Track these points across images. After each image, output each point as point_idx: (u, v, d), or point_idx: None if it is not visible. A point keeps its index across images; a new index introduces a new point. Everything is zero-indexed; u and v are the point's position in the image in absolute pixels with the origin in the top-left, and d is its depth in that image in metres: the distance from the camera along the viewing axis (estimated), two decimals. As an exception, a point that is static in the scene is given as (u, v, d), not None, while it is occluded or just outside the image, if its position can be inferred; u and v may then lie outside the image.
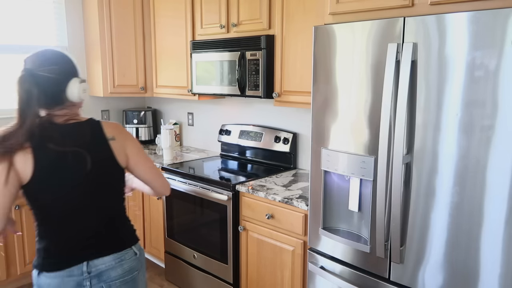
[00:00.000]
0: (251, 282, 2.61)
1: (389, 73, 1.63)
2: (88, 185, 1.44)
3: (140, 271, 1.58)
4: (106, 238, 1.49)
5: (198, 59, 3.04)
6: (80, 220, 1.45)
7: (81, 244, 1.46)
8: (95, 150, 1.44)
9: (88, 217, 1.46)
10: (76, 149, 1.40)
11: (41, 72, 1.40)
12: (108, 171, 1.48)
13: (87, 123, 1.50)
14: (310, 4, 2.40)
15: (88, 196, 1.45)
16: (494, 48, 1.40)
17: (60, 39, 3.70)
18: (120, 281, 1.50)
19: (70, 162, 1.40)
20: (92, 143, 1.45)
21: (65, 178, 1.40)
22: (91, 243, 1.47)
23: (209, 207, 2.75)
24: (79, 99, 1.48)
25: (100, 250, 1.47)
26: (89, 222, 1.47)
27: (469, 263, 1.55)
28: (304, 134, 2.96)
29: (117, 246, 1.51)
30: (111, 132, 1.50)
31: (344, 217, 1.96)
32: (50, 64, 1.42)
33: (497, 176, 1.45)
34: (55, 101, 1.44)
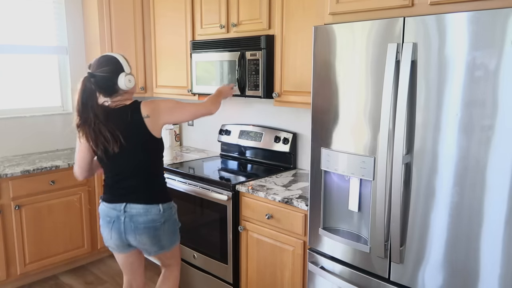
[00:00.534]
0: (251, 282, 2.61)
1: (389, 73, 1.63)
2: (130, 153, 1.97)
3: (165, 223, 2.03)
4: (141, 192, 2.01)
5: (198, 59, 3.04)
6: (124, 176, 2.02)
7: (123, 191, 2.02)
8: (133, 126, 1.95)
9: (131, 176, 2.02)
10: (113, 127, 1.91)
11: (98, 73, 1.94)
12: (144, 142, 1.98)
13: (129, 106, 1.98)
14: (310, 4, 2.40)
15: (131, 162, 2.00)
16: (494, 48, 1.40)
17: (60, 39, 3.70)
18: (144, 226, 1.99)
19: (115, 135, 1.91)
20: (130, 121, 1.95)
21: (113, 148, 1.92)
22: (130, 192, 2.01)
23: (209, 207, 2.75)
24: (127, 88, 1.98)
25: (135, 199, 1.99)
26: (131, 179, 2.02)
27: (469, 263, 1.55)
28: (304, 134, 2.96)
29: (147, 200, 1.99)
30: (146, 111, 1.96)
31: (344, 217, 1.96)
32: (103, 66, 1.95)
33: (497, 176, 1.45)
34: (110, 92, 1.97)
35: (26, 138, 3.55)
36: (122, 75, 1.96)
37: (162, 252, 2.15)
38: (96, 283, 3.28)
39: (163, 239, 2.08)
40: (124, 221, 2.00)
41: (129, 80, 1.97)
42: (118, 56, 2.01)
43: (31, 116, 3.57)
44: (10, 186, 2.96)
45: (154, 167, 2.07)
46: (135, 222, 1.99)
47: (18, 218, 3.02)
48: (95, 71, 1.95)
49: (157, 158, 2.09)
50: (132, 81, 2.00)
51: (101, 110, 1.93)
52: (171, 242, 2.16)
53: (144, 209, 1.99)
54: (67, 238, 3.31)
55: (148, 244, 2.06)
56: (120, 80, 1.96)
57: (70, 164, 3.23)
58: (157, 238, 2.04)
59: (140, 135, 1.97)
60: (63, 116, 3.77)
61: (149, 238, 2.03)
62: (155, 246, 2.08)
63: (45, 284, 3.25)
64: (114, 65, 1.98)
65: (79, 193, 3.33)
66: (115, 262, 3.60)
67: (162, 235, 2.06)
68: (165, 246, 2.13)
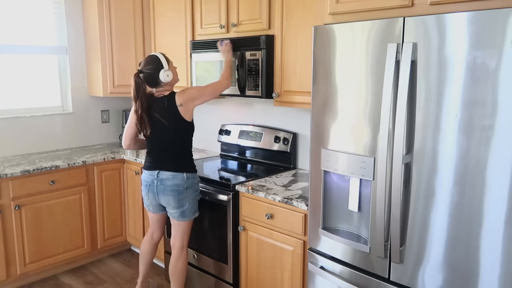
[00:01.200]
0: (251, 282, 2.61)
1: (389, 73, 1.63)
2: (165, 132, 2.48)
3: (187, 189, 2.50)
4: (171, 162, 2.50)
5: (197, 59, 3.04)
6: (161, 150, 2.52)
7: (158, 161, 2.52)
8: (168, 113, 2.44)
9: (165, 149, 2.51)
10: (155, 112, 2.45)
11: (144, 70, 2.44)
12: (178, 124, 2.47)
13: (167, 96, 2.46)
14: (310, 4, 2.40)
15: (165, 139, 2.50)
16: (494, 48, 1.40)
17: (60, 39, 3.70)
18: (170, 188, 2.48)
19: (155, 119, 2.45)
20: (167, 108, 2.44)
21: (154, 127, 2.47)
22: (163, 162, 2.51)
23: (209, 207, 2.75)
24: (165, 81, 2.44)
25: (165, 168, 2.49)
26: (165, 152, 2.51)
27: (469, 263, 1.55)
28: (304, 134, 2.96)
29: (175, 168, 2.48)
30: (179, 100, 2.44)
31: (344, 217, 1.96)
32: (148, 64, 2.45)
33: (497, 176, 1.45)
34: (154, 84, 2.46)
35: (26, 138, 3.55)
36: (162, 71, 2.42)
37: (184, 220, 2.57)
38: (96, 283, 3.28)
39: (185, 203, 2.52)
40: (156, 184, 2.51)
41: (167, 75, 2.43)
42: (159, 55, 2.46)
43: (31, 116, 3.57)
44: (10, 186, 2.96)
45: (183, 144, 2.54)
46: (164, 185, 2.49)
47: (18, 218, 3.02)
48: (142, 68, 2.45)
49: (187, 137, 2.56)
50: (170, 76, 2.45)
51: (147, 98, 2.46)
52: (191, 211, 2.56)
53: (172, 175, 2.48)
54: (67, 238, 3.31)
55: (173, 206, 2.52)
56: (160, 75, 2.42)
57: (70, 164, 3.23)
58: (181, 201, 2.50)
59: (174, 119, 2.45)
60: (63, 116, 3.77)
61: (174, 199, 2.50)
62: (178, 210, 2.52)
63: (45, 284, 3.25)
64: (156, 64, 2.43)
65: (79, 193, 3.33)
66: (115, 262, 3.60)
67: (184, 199, 2.51)
68: (186, 213, 2.54)
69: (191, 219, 2.61)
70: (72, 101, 3.81)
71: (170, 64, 2.50)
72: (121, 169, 3.55)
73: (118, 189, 3.57)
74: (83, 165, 3.33)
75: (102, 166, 3.44)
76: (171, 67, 2.50)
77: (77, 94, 3.83)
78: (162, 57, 2.46)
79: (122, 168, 3.55)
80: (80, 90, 3.85)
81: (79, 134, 3.89)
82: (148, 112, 2.45)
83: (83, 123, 3.90)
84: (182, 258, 2.65)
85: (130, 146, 2.67)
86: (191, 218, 2.60)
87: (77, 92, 3.83)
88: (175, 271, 2.66)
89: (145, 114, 2.45)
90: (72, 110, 3.82)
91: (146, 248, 2.82)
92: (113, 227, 3.59)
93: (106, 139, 4.09)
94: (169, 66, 2.47)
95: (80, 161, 3.30)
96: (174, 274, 2.67)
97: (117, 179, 3.55)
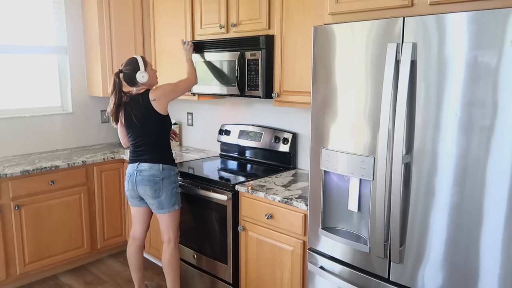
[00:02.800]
0: (250, 282, 2.61)
1: (388, 73, 1.63)
2: (142, 127, 2.62)
3: (163, 180, 2.60)
4: (149, 154, 2.62)
5: (197, 59, 3.04)
6: (140, 144, 2.64)
7: (137, 154, 2.65)
8: (142, 108, 2.59)
9: (143, 143, 2.64)
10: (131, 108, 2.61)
11: (124, 70, 2.61)
12: (153, 118, 2.61)
13: (142, 93, 2.62)
14: (310, 4, 2.40)
15: (143, 132, 2.63)
16: (494, 48, 1.40)
17: (59, 39, 3.70)
18: (147, 178, 2.59)
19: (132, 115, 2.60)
20: (141, 104, 2.60)
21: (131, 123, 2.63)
22: (142, 155, 2.63)
23: (209, 207, 2.75)
24: (141, 81, 2.60)
25: (144, 160, 2.62)
26: (143, 146, 2.64)
27: (468, 263, 1.55)
28: (304, 134, 2.96)
29: (152, 160, 2.61)
30: (152, 96, 2.59)
31: (344, 217, 1.96)
32: (127, 65, 2.62)
33: (497, 176, 1.45)
34: (132, 84, 2.63)
35: (26, 138, 3.55)
36: (138, 72, 2.59)
37: (162, 212, 2.65)
38: (96, 283, 3.28)
39: (162, 194, 2.60)
40: (136, 175, 2.63)
41: (142, 76, 2.59)
42: (138, 58, 2.64)
43: (31, 116, 3.57)
44: (10, 186, 2.96)
45: (159, 137, 2.67)
46: (142, 175, 2.61)
47: (17, 218, 3.02)
48: (122, 69, 2.62)
49: (163, 130, 2.69)
50: (146, 77, 2.60)
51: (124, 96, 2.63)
52: (169, 203, 2.63)
53: (149, 166, 2.60)
54: (67, 238, 3.31)
55: (150, 195, 2.62)
56: (137, 76, 2.59)
57: (70, 164, 3.23)
58: (157, 191, 2.60)
59: (149, 114, 2.60)
60: (62, 116, 3.77)
61: (150, 189, 2.60)
62: (156, 201, 2.62)
63: (44, 284, 3.25)
64: (134, 65, 2.60)
65: (79, 193, 3.33)
66: (114, 262, 3.60)
67: (160, 190, 2.60)
68: (163, 204, 2.62)
69: (171, 211, 2.65)
70: (71, 101, 3.81)
71: (148, 66, 2.64)
72: (120, 169, 3.55)
73: (117, 189, 3.56)
74: (83, 165, 3.33)
75: (101, 166, 3.44)
76: (149, 70, 2.64)
77: (76, 94, 3.83)
78: (140, 60, 2.63)
79: (122, 168, 3.55)
80: (79, 90, 3.85)
81: (79, 134, 3.89)
82: (126, 108, 2.63)
83: (82, 123, 3.90)
84: (169, 251, 2.70)
85: (126, 144, 2.79)
86: (171, 209, 2.64)
87: (77, 92, 3.83)
88: (164, 263, 2.73)
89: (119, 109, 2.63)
90: (72, 110, 3.82)
91: (131, 251, 2.85)
92: (113, 227, 3.59)
93: (106, 139, 4.09)
94: (146, 68, 2.61)
95: (80, 161, 3.30)
96: (164, 269, 2.74)
97: (117, 179, 3.55)
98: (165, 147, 2.69)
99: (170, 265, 2.71)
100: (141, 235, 2.84)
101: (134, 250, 2.84)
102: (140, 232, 2.83)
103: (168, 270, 2.72)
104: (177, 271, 2.74)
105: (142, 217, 2.80)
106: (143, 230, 2.84)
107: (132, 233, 2.85)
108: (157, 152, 2.64)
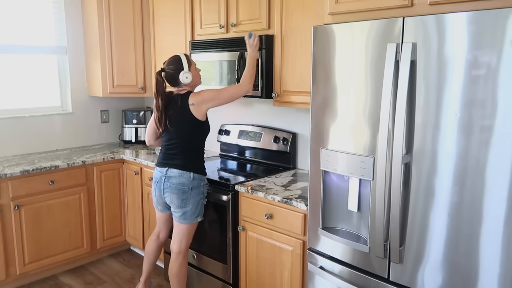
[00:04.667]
0: (250, 282, 2.61)
1: (388, 73, 1.63)
2: (177, 130, 2.52)
3: (192, 189, 2.50)
4: (180, 160, 2.52)
5: (197, 59, 3.04)
6: (172, 148, 2.55)
7: (167, 159, 2.56)
8: (181, 110, 2.50)
9: (176, 147, 2.54)
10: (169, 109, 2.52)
11: (166, 69, 2.52)
12: (189, 122, 2.50)
13: (182, 95, 2.51)
14: (309, 4, 2.40)
15: (178, 135, 2.53)
16: (494, 48, 1.40)
17: (59, 39, 3.70)
18: (175, 186, 2.49)
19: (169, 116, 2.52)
20: (180, 106, 2.50)
21: (167, 125, 2.52)
22: (172, 160, 2.53)
23: (208, 207, 2.75)
24: (184, 82, 2.50)
25: (174, 165, 2.52)
26: (175, 150, 2.54)
27: (468, 263, 1.55)
28: (304, 134, 2.96)
29: (183, 167, 2.50)
30: (192, 100, 2.48)
31: (344, 217, 1.96)
32: (170, 64, 2.51)
33: (497, 176, 1.45)
34: (175, 84, 2.55)
35: (26, 138, 3.55)
36: (182, 73, 2.48)
37: (184, 222, 2.55)
38: (96, 283, 3.28)
39: (188, 204, 2.51)
40: (163, 181, 2.53)
41: (186, 77, 2.49)
42: (182, 56, 2.51)
43: (30, 116, 3.57)
44: (10, 186, 2.96)
45: (193, 143, 2.57)
46: (170, 182, 2.50)
47: (17, 218, 3.02)
48: (165, 67, 2.53)
49: (198, 137, 2.58)
50: (189, 78, 2.49)
51: (165, 96, 2.53)
52: (193, 214, 2.54)
53: (178, 174, 2.50)
54: (67, 238, 3.31)
55: (176, 204, 2.52)
56: (180, 76, 2.48)
57: (70, 164, 3.23)
58: (184, 201, 2.50)
59: (186, 118, 2.49)
60: (62, 116, 3.77)
61: (177, 198, 2.50)
62: (180, 209, 2.52)
63: (44, 284, 3.25)
64: (177, 65, 2.49)
65: (79, 193, 3.33)
66: (114, 262, 3.60)
67: (188, 200, 2.51)
68: (187, 214, 2.53)
69: (193, 223, 2.58)
70: (71, 101, 3.81)
71: (192, 66, 2.52)
72: (120, 169, 3.55)
73: (117, 189, 3.56)
74: (83, 165, 3.33)
75: (101, 166, 3.43)
76: (192, 69, 2.52)
77: (76, 94, 3.83)
78: (184, 58, 2.50)
79: (122, 168, 3.55)
80: (79, 90, 3.85)
81: (79, 134, 3.89)
82: (165, 109, 2.51)
83: (82, 123, 3.90)
84: (178, 263, 2.63)
85: (151, 142, 2.72)
86: (193, 221, 2.56)
87: (77, 92, 3.83)
88: (171, 275, 2.66)
89: (163, 111, 2.51)
90: (72, 110, 3.82)
91: (151, 248, 2.83)
92: (113, 227, 3.58)
93: (106, 139, 4.09)
94: (190, 68, 2.49)
95: (80, 161, 3.30)
96: (171, 278, 2.68)
97: (117, 179, 3.55)
98: (198, 154, 2.58)
99: (178, 277, 2.64)
100: (165, 235, 2.82)
101: (156, 248, 2.83)
102: (165, 233, 2.81)
103: (175, 282, 2.65)
104: (184, 283, 2.67)
105: (167, 221, 2.76)
106: (168, 232, 2.80)
107: (156, 231, 2.82)
108: (189, 158, 2.52)
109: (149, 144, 2.73)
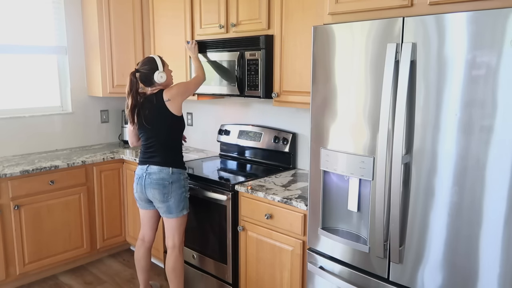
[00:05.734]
0: (250, 282, 2.61)
1: (388, 73, 1.63)
2: (154, 128, 2.57)
3: (172, 183, 2.56)
4: (159, 157, 2.58)
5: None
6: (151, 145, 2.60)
7: (147, 156, 2.61)
8: (157, 108, 2.55)
9: (154, 145, 2.59)
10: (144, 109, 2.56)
11: (141, 70, 2.55)
12: (166, 120, 2.56)
13: (156, 93, 2.57)
14: (309, 4, 2.40)
15: (155, 134, 2.58)
16: (493, 48, 1.40)
17: (59, 39, 3.69)
18: (156, 182, 2.55)
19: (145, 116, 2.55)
20: (156, 104, 2.55)
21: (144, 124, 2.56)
22: (152, 157, 2.59)
23: (208, 207, 2.75)
24: (159, 82, 2.55)
25: (154, 162, 2.58)
26: (154, 147, 2.59)
27: (468, 262, 1.55)
28: (303, 134, 2.96)
29: (162, 163, 2.57)
30: (166, 96, 2.54)
31: (343, 217, 1.96)
32: (144, 65, 2.56)
33: (496, 176, 1.45)
34: (149, 84, 2.59)
35: (26, 138, 3.55)
36: (156, 72, 2.53)
37: (170, 216, 2.61)
38: (96, 283, 3.28)
39: (170, 198, 2.56)
40: (145, 178, 2.58)
41: (161, 76, 2.54)
42: (156, 57, 2.58)
43: (30, 116, 3.57)
44: (9, 186, 2.96)
45: (171, 139, 2.62)
46: (151, 178, 2.56)
47: (17, 218, 3.02)
48: (139, 68, 2.56)
49: (175, 132, 2.64)
50: (164, 77, 2.55)
51: (140, 96, 2.57)
52: (177, 207, 2.59)
53: (158, 169, 2.56)
54: (67, 238, 3.31)
55: (158, 199, 2.57)
56: (154, 76, 2.53)
57: (70, 164, 3.23)
58: (166, 195, 2.56)
59: (162, 115, 2.55)
60: (62, 116, 3.76)
61: (159, 193, 2.56)
62: (164, 205, 2.58)
63: (44, 284, 3.25)
64: (151, 65, 2.55)
65: (79, 193, 3.33)
66: (114, 262, 3.60)
67: (169, 194, 2.56)
68: (172, 208, 2.58)
69: (179, 217, 2.62)
70: (71, 101, 3.81)
71: (166, 66, 2.59)
72: (120, 169, 3.55)
73: (117, 189, 3.56)
74: (83, 165, 3.33)
75: (101, 166, 3.43)
76: (166, 70, 2.58)
77: (76, 94, 3.83)
78: (158, 59, 2.57)
79: (122, 168, 3.55)
80: (79, 90, 3.84)
81: (79, 134, 3.89)
82: (139, 109, 2.55)
83: (82, 123, 3.90)
84: (174, 257, 2.67)
85: (134, 143, 2.76)
86: (179, 215, 2.61)
87: (77, 92, 3.83)
88: (168, 270, 2.70)
89: (135, 110, 2.55)
90: (72, 110, 3.82)
91: (140, 253, 2.84)
92: (113, 227, 3.58)
93: (106, 139, 4.09)
94: (164, 68, 2.56)
95: (80, 161, 3.30)
96: (168, 275, 2.71)
97: (117, 179, 3.55)
98: (176, 150, 2.64)
99: (175, 272, 2.68)
100: (150, 238, 2.82)
101: (143, 252, 2.83)
102: (149, 235, 2.81)
103: (172, 277, 2.68)
104: (181, 278, 2.71)
105: (151, 220, 2.77)
106: (152, 233, 2.82)
107: (140, 235, 2.83)
108: (167, 154, 2.59)
109: (133, 145, 2.78)
